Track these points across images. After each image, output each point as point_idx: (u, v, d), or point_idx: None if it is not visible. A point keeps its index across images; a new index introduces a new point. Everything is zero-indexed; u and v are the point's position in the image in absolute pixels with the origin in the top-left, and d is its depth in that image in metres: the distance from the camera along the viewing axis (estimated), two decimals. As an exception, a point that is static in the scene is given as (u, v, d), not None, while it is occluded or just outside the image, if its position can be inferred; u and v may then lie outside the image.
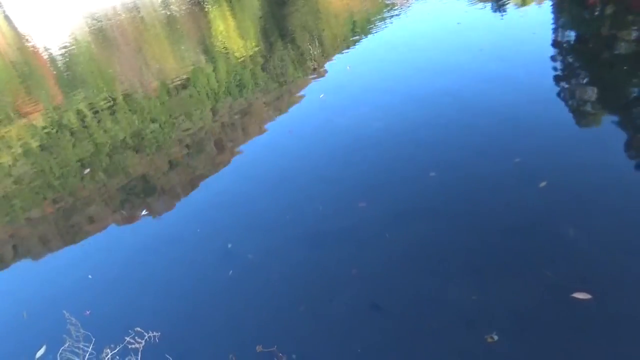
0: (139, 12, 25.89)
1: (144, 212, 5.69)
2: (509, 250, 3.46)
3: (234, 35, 14.57)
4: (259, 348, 2.50)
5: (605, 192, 3.78)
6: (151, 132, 8.65)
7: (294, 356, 3.04)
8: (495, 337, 2.82)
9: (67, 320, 3.55)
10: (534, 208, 3.78)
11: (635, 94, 5.40)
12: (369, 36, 10.30)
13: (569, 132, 4.76)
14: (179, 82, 10.92)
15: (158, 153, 7.69)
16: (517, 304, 3.01)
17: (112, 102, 10.72)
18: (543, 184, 4.00)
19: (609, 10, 8.35)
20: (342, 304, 3.42)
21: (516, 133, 4.91)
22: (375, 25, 10.98)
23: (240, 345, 3.14)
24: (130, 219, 5.70)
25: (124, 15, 25.83)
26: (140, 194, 6.37)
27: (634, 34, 6.88)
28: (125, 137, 8.60)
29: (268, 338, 3.07)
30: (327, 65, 9.37)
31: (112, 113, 10.03)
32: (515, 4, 9.92)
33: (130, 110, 10.18)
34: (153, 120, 9.29)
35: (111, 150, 8.15)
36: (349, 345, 3.08)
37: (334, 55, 9.84)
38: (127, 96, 11.00)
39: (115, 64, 15.08)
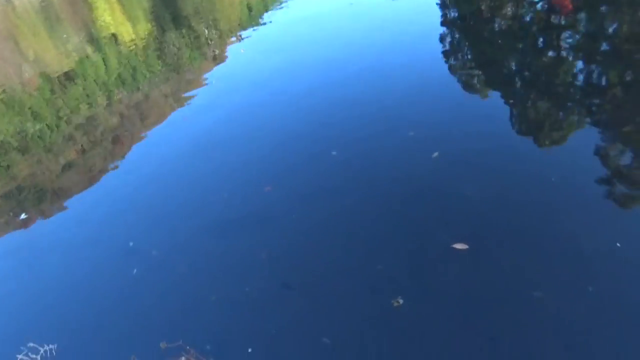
0: (9, 1, 23.20)
1: (23, 216, 5.20)
2: (408, 219, 3.65)
3: (122, 21, 13.62)
4: (162, 344, 2.40)
5: (490, 158, 4.11)
6: (36, 131, 7.88)
7: (208, 347, 2.97)
8: (401, 301, 2.97)
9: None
10: (428, 177, 4.02)
11: (513, 67, 5.92)
12: (264, 19, 10.18)
13: (456, 104, 5.10)
14: (63, 75, 10.02)
15: (46, 152, 7.05)
16: (418, 268, 3.19)
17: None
18: (435, 154, 4.25)
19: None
20: (254, 288, 3.39)
21: (410, 109, 5.17)
22: (269, 9, 10.87)
23: (145, 345, 2.99)
24: (17, 224, 5.18)
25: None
26: (29, 197, 5.80)
27: (510, 11, 7.50)
28: (5, 138, 7.74)
29: (177, 333, 2.95)
30: (222, 50, 9.13)
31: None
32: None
33: (9, 108, 9.17)
34: (37, 118, 8.46)
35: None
36: (263, 327, 3.06)
37: (229, 39, 9.61)
38: (3, 93, 9.88)
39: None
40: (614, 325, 2.50)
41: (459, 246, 3.22)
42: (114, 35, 12.03)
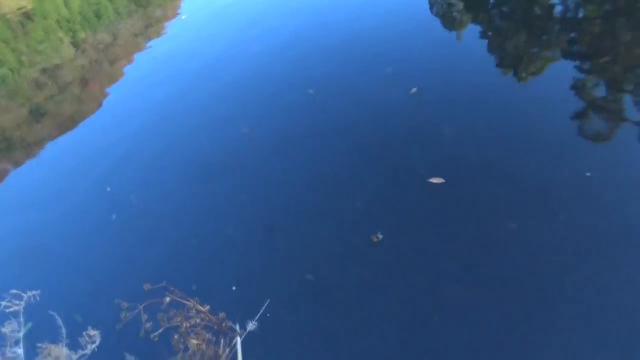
0: None
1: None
2: (387, 156, 3.65)
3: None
4: (146, 286, 2.44)
5: (468, 92, 4.08)
6: (-2, 77, 7.48)
7: (193, 287, 3.02)
8: (380, 236, 3.03)
9: None
10: (406, 113, 3.98)
11: (492, 2, 5.76)
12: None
13: (434, 40, 4.98)
14: (20, 14, 9.38)
15: (12, 100, 6.74)
16: (396, 204, 3.23)
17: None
18: (413, 90, 4.20)
19: None
20: (236, 229, 3.42)
21: (387, 44, 5.04)
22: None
23: (129, 287, 3.02)
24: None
25: None
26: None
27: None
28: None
29: (161, 275, 2.98)
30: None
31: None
32: None
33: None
34: (-2, 62, 8.00)
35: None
36: (247, 267, 3.12)
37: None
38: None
39: None
40: (585, 251, 2.61)
41: (435, 180, 3.26)
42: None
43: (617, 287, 2.42)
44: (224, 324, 2.59)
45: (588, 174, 3.03)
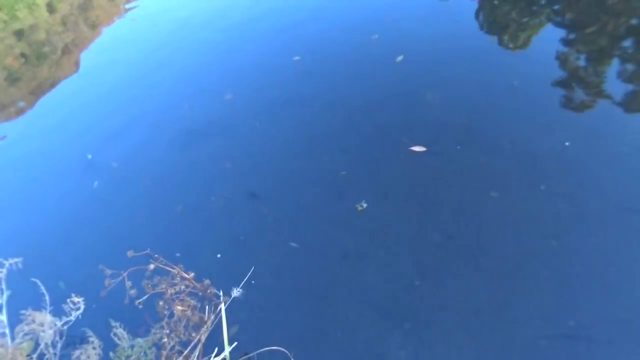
0: None
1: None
2: (371, 124, 3.64)
3: None
4: (130, 253, 2.42)
5: (455, 61, 4.06)
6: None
7: (177, 254, 3.03)
8: (364, 205, 3.05)
9: None
10: (392, 82, 3.95)
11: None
12: None
13: (421, 5, 4.89)
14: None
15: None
16: (380, 173, 3.25)
17: None
18: (400, 58, 4.15)
19: None
20: (220, 197, 3.41)
21: (373, 10, 4.94)
22: None
23: (112, 255, 3.02)
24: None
25: None
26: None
27: None
28: None
29: (145, 242, 2.95)
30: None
31: None
32: None
33: None
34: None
35: None
36: (231, 234, 3.13)
37: None
38: None
39: None
40: (565, 220, 2.68)
41: (417, 148, 3.28)
42: None
43: (594, 254, 2.49)
44: (208, 291, 2.61)
45: (567, 144, 3.07)
